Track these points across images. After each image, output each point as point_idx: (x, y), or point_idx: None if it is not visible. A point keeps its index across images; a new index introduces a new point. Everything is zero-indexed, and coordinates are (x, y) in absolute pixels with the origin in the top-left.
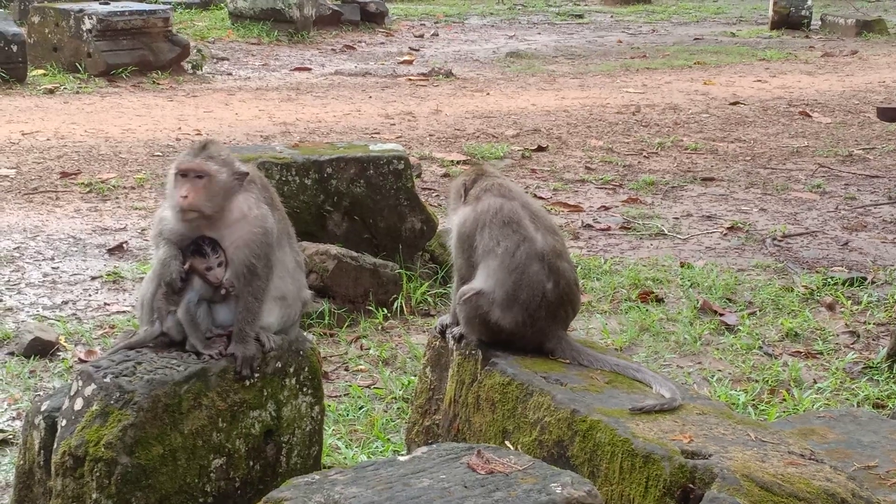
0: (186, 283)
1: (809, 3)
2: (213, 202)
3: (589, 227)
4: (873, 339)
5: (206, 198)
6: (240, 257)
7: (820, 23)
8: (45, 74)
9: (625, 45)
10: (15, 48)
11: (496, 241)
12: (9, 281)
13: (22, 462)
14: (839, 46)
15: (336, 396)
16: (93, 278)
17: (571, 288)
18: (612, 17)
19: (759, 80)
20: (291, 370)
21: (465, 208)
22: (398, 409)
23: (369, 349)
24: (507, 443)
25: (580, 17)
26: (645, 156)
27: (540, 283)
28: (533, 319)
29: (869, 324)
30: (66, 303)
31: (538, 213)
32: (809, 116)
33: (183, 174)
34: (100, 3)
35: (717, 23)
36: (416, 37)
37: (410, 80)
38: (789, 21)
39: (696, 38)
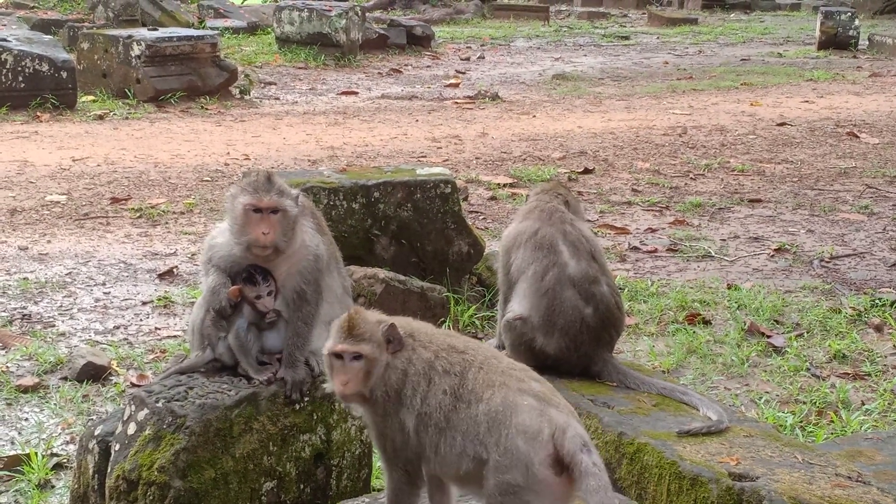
0: (236, 310)
1: (857, 23)
2: (288, 236)
3: (636, 249)
4: None
5: (283, 232)
6: (290, 284)
7: (867, 43)
8: (94, 100)
9: (671, 66)
10: (65, 74)
11: (528, 262)
12: (61, 306)
13: (76, 486)
14: (887, 66)
15: None
16: (144, 303)
17: (612, 311)
18: (658, 38)
19: (807, 101)
20: None
21: (512, 224)
22: None
23: None
24: None
25: (626, 38)
26: (691, 177)
27: (576, 308)
28: (576, 344)
29: None
30: (117, 328)
31: (580, 240)
32: (857, 137)
33: (257, 210)
34: (148, 30)
35: (763, 43)
36: (462, 60)
37: (457, 103)
38: (836, 41)
39: (742, 59)
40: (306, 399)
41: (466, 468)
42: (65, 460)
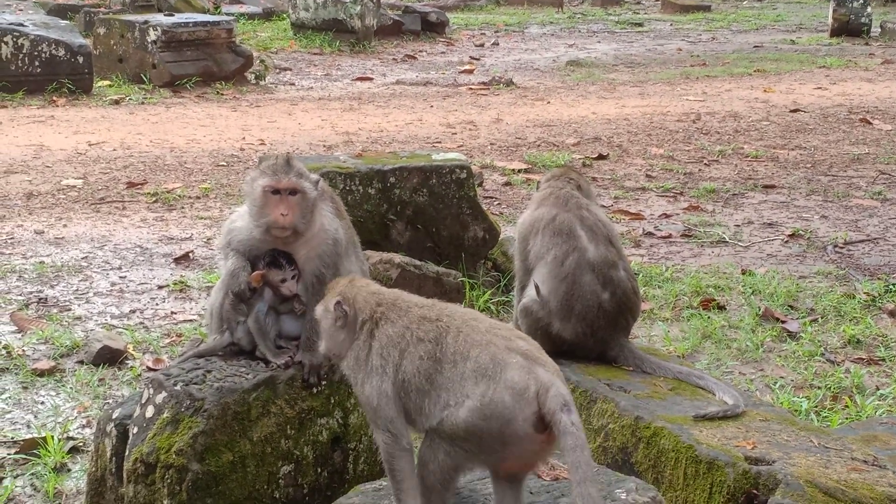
0: (255, 293)
1: (869, 10)
2: (306, 218)
3: (650, 234)
4: None
5: (301, 214)
6: (310, 268)
7: (879, 30)
8: (110, 85)
9: (684, 53)
10: (81, 60)
11: (547, 248)
12: (77, 290)
13: (94, 469)
14: None
15: None
16: (159, 287)
17: (629, 296)
18: (671, 25)
19: (819, 88)
20: None
21: (527, 211)
22: None
23: None
24: None
25: (640, 25)
26: (705, 163)
27: (594, 293)
28: (592, 329)
29: None
30: (133, 311)
31: (597, 224)
32: (870, 123)
33: (275, 192)
34: (164, 15)
35: (776, 30)
36: (476, 46)
37: (471, 89)
38: (849, 28)
39: (755, 46)
40: (323, 383)
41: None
42: (81, 444)
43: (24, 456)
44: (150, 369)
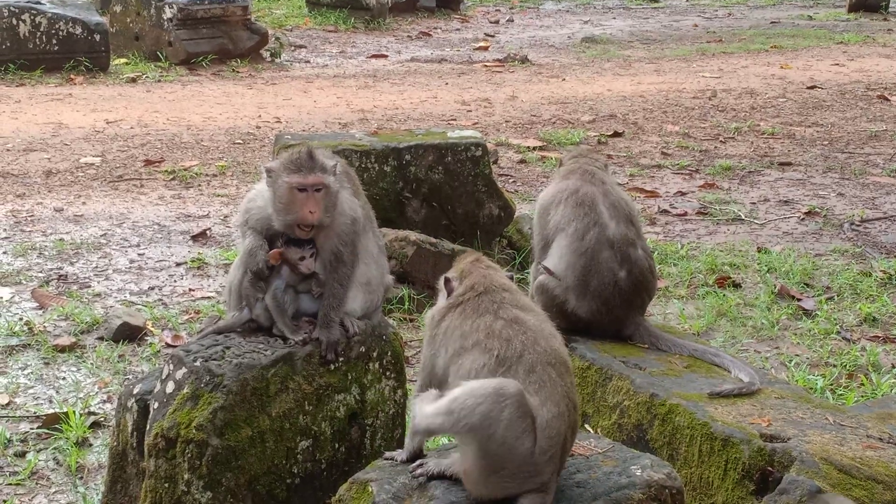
0: (273, 271)
1: None
2: (330, 211)
3: (665, 212)
4: None
5: (326, 209)
6: (328, 246)
7: None
8: (127, 63)
9: (700, 29)
10: (98, 37)
11: (568, 220)
12: (97, 267)
13: (115, 444)
14: None
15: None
16: (177, 264)
17: (645, 275)
18: (687, 0)
19: (837, 64)
20: (375, 354)
21: (552, 184)
22: None
23: None
24: (587, 426)
25: (655, 1)
26: (721, 141)
27: (611, 271)
28: (608, 307)
29: None
30: (152, 288)
31: (619, 202)
32: (887, 100)
33: (301, 189)
34: None
35: (793, 6)
36: (491, 23)
37: (486, 66)
38: (867, 4)
39: (772, 22)
40: (341, 359)
41: None
42: (102, 419)
43: (46, 430)
44: (169, 346)
